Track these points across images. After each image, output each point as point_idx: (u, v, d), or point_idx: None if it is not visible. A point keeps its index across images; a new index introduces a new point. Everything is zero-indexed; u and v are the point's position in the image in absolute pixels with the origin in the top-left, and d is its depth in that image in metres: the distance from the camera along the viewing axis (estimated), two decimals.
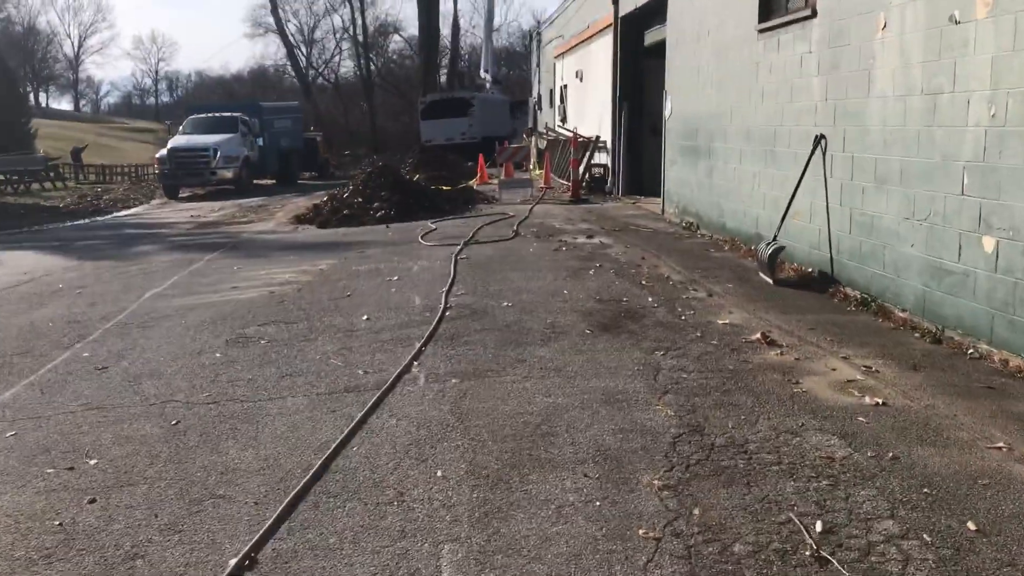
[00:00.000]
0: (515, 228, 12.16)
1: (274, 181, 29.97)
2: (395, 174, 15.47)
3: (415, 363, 5.58)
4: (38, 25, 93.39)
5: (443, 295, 7.68)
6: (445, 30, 49.58)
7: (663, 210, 13.60)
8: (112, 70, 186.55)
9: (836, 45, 7.44)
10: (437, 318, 6.76)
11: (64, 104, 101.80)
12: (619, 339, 6.02)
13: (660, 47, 13.75)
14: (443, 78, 51.29)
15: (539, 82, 30.19)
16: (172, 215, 19.44)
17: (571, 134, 19.03)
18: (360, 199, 14.64)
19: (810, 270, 8.00)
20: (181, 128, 26.92)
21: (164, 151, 25.26)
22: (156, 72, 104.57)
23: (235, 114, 26.70)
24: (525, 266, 9.22)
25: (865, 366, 5.30)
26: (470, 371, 5.37)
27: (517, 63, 62.36)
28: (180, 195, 25.60)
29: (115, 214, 20.88)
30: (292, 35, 61.15)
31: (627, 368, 5.32)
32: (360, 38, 53.56)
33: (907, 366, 5.28)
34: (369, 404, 4.75)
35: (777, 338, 5.94)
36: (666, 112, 13.40)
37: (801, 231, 8.16)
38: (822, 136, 7.68)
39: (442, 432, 4.34)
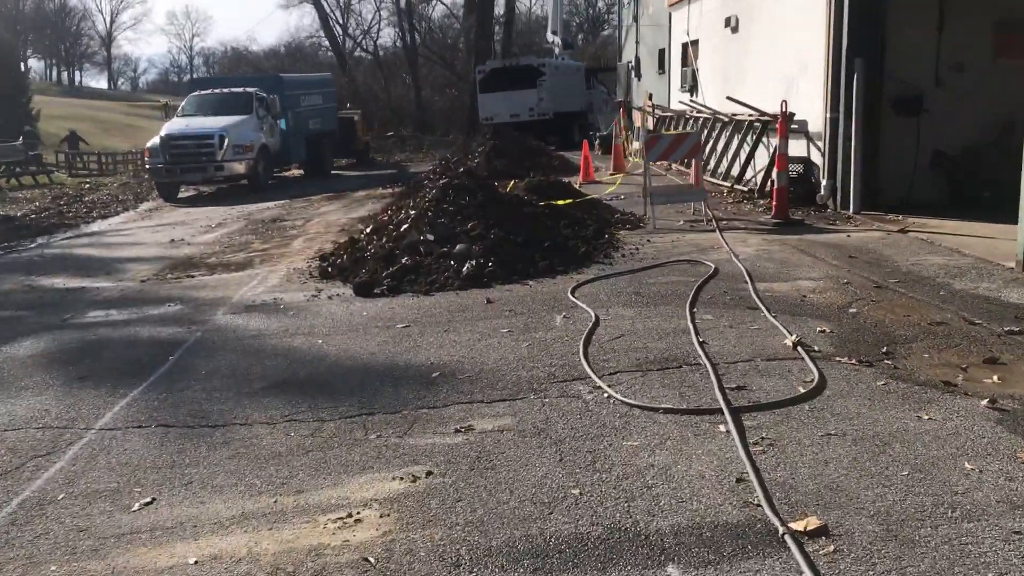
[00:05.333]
0: (792, 338, 5.58)
1: (301, 172, 23.84)
2: (487, 189, 9.08)
3: None
4: (69, 2, 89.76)
5: None
6: None
7: None
8: (146, 46, 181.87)
9: None
10: None
11: (102, 83, 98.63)
12: None
13: None
14: (497, 45, 44.60)
15: (637, 42, 23.47)
16: (144, 236, 13.30)
17: (750, 111, 12.46)
18: (430, 235, 8.27)
19: None
20: (180, 108, 20.81)
21: (156, 139, 19.18)
22: (191, 48, 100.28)
23: (249, 90, 20.46)
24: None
25: None
26: None
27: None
28: (180, 194, 19.58)
29: (71, 233, 14.81)
30: (327, 2, 54.87)
31: None
32: (403, 2, 46.98)
33: None
34: None
35: None
36: None
37: None
38: None
39: None
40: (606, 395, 4.51)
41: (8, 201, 20.47)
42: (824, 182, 10.95)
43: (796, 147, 11.78)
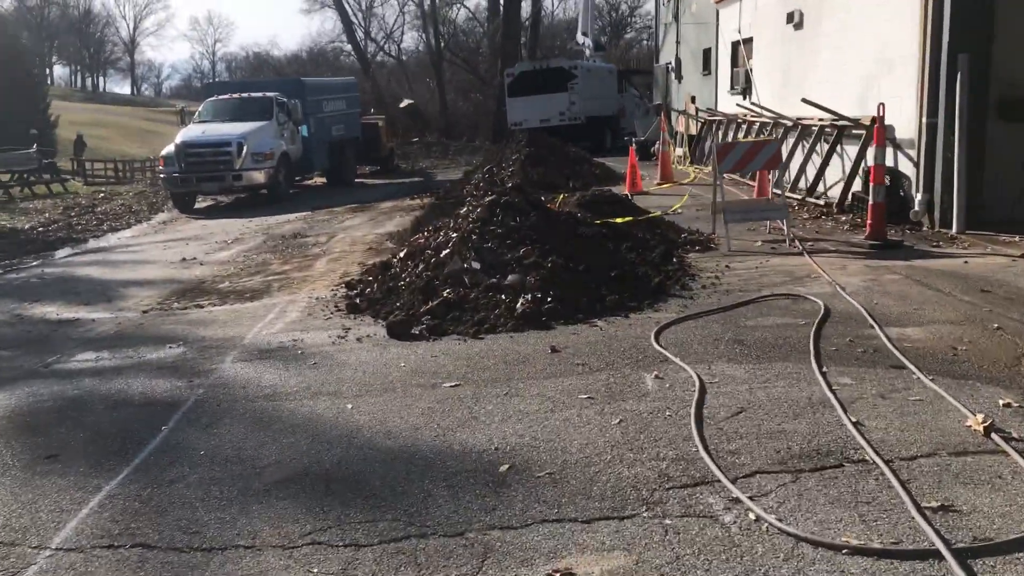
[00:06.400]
0: (977, 419, 4.26)
1: (324, 180, 22.73)
2: (540, 207, 7.80)
3: None
4: (93, 8, 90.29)
5: None
6: None
7: None
8: (169, 52, 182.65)
9: None
10: None
11: (125, 88, 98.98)
12: None
13: None
14: (522, 48, 43.33)
15: (677, 42, 22.13)
16: (154, 253, 12.16)
17: (820, 115, 11.12)
18: (476, 262, 7.01)
19: None
20: (197, 114, 19.73)
21: (171, 147, 18.11)
22: (213, 53, 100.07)
23: (269, 95, 19.34)
24: None
25: None
26: None
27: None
28: (196, 205, 18.50)
29: (77, 248, 13.71)
30: (350, 5, 53.98)
31: None
32: (427, 4, 45.87)
33: None
34: None
35: None
36: None
37: None
38: None
39: None
40: (753, 516, 3.22)
41: (18, 212, 19.49)
42: (918, 196, 9.58)
43: (873, 155, 10.41)
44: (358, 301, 7.42)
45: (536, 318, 6.29)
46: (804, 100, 10.68)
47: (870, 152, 10.44)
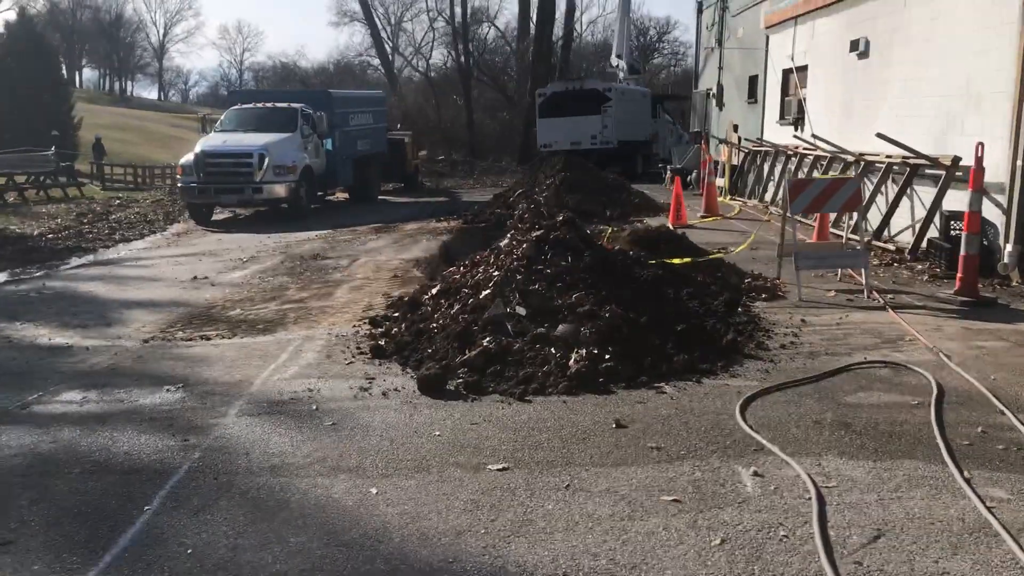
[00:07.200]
0: None
1: (347, 196, 21.98)
2: (595, 246, 6.89)
3: None
4: (125, 13, 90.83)
5: None
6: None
7: None
8: (197, 60, 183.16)
9: None
10: None
11: (153, 94, 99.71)
12: None
13: None
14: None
15: (720, 68, 21.26)
16: (164, 269, 11.35)
17: (889, 152, 10.18)
18: (521, 307, 6.11)
19: None
20: (219, 123, 19.03)
21: (191, 155, 17.37)
22: (241, 62, 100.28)
23: (294, 105, 18.60)
24: None
25: None
26: None
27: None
28: (214, 217, 17.74)
29: (85, 259, 12.93)
30: (379, 19, 53.69)
31: None
32: (458, 20, 45.32)
33: None
34: None
35: None
36: None
37: None
38: None
39: None
40: None
41: (30, 216, 18.80)
42: (1008, 248, 8.60)
43: (959, 200, 9.45)
44: (383, 343, 6.53)
45: (592, 379, 5.36)
46: (879, 135, 9.74)
47: (950, 195, 9.51)
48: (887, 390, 5.15)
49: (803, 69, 14.97)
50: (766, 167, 16.29)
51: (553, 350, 5.69)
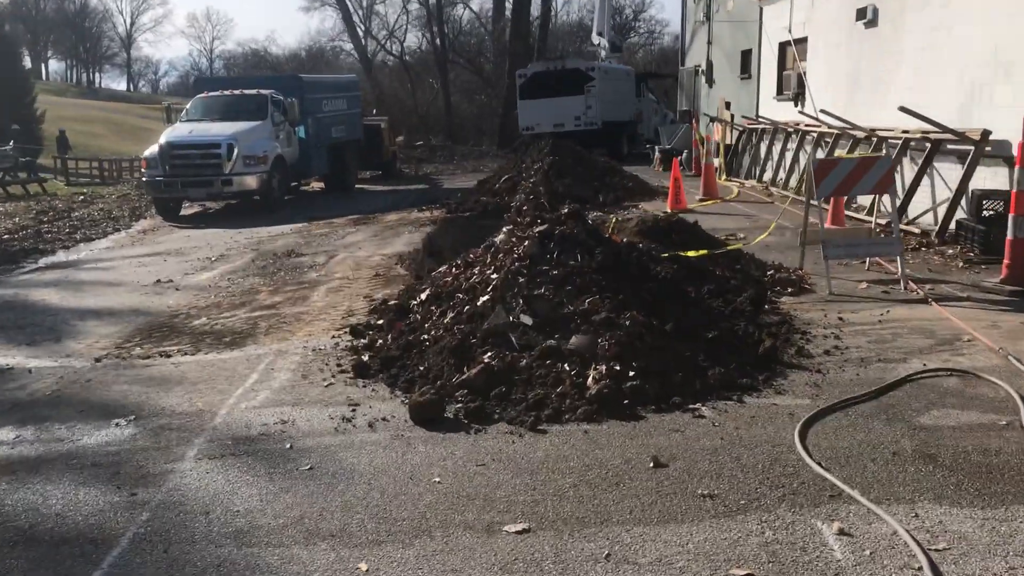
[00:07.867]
0: None
1: (322, 186, 21.03)
2: (607, 242, 6.07)
3: None
4: (90, 3, 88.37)
5: None
6: None
7: None
8: (167, 49, 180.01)
9: None
10: None
11: (122, 85, 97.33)
12: None
13: None
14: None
15: (709, 43, 20.44)
16: (126, 272, 10.43)
17: (911, 126, 9.41)
18: (526, 315, 5.28)
19: None
20: (184, 112, 17.98)
21: (155, 147, 16.36)
22: (211, 51, 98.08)
23: (263, 92, 17.59)
24: None
25: None
26: None
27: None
28: (182, 212, 16.76)
29: (41, 262, 11.94)
30: (351, 2, 52.26)
31: None
32: (432, 1, 44.07)
33: None
34: None
35: None
36: None
37: None
38: None
39: None
40: None
41: None
42: None
43: (988, 177, 8.73)
44: (367, 359, 5.69)
45: (616, 402, 4.56)
46: (902, 108, 8.96)
47: (979, 172, 8.77)
48: (963, 406, 4.39)
49: (802, 41, 14.19)
50: (763, 146, 15.53)
51: (567, 366, 4.88)
